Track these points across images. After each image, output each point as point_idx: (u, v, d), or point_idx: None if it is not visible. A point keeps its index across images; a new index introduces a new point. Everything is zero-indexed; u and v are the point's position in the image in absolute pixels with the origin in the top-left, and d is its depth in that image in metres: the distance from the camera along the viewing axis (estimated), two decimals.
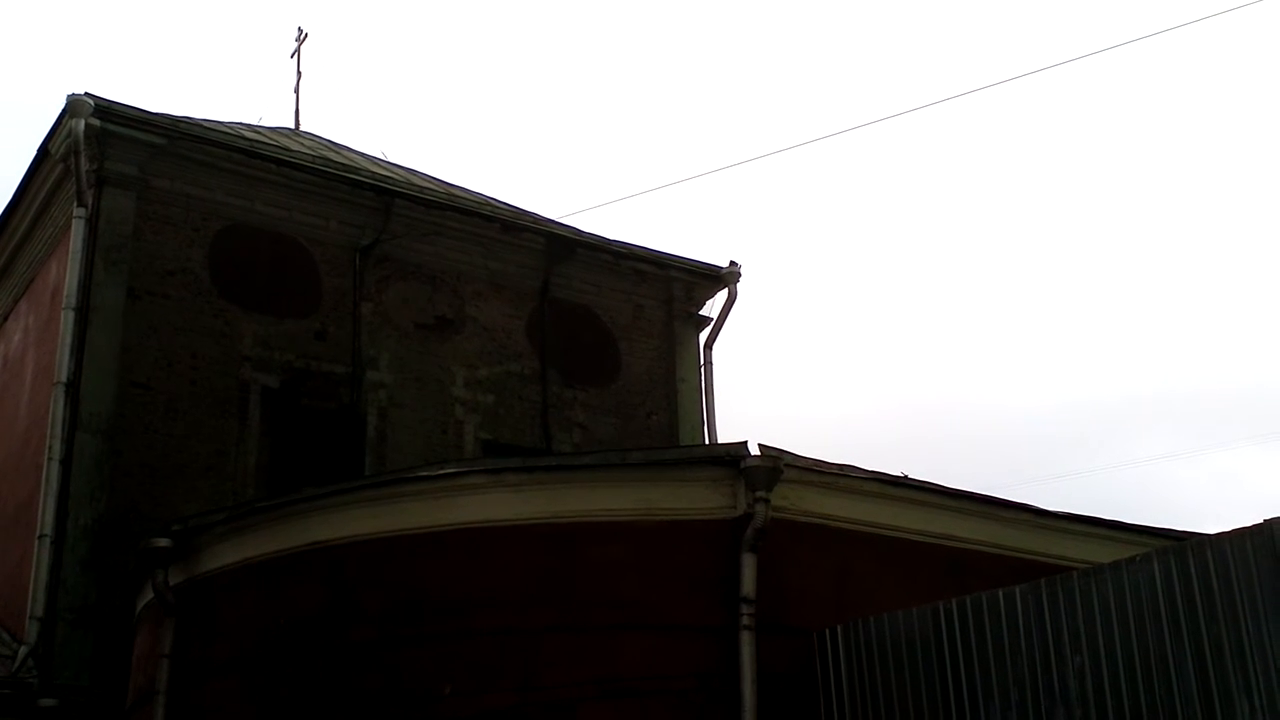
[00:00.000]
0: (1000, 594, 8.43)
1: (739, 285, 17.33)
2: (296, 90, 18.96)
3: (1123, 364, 51.18)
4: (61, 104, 13.63)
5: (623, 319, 17.00)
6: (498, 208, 17.15)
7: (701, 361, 17.40)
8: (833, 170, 56.24)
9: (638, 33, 55.37)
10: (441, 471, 10.22)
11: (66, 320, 13.41)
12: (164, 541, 10.89)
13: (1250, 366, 49.74)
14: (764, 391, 42.94)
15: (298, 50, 19.29)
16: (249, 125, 17.20)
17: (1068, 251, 52.84)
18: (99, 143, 13.73)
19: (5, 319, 16.33)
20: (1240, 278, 50.51)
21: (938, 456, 39.46)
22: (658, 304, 17.25)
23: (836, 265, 54.79)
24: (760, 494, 9.32)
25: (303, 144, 17.19)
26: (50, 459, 12.97)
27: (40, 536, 12.76)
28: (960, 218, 54.33)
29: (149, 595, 11.30)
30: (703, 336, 17.51)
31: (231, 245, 14.58)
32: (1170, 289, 52.58)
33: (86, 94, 13.65)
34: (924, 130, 61.16)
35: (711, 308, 17.51)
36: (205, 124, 15.67)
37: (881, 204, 53.99)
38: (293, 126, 18.41)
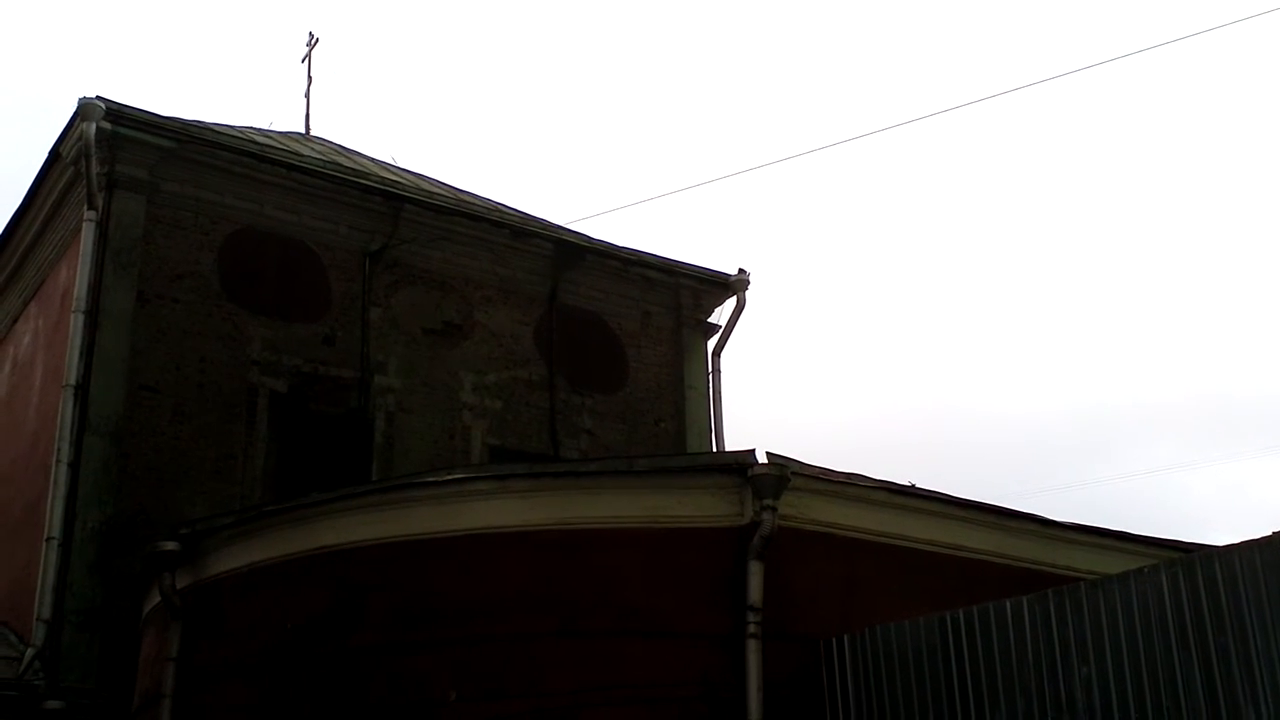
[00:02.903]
0: (1007, 604, 8.42)
1: (748, 293, 17.32)
2: (307, 95, 19.02)
3: (1131, 373, 51.20)
4: (73, 107, 13.68)
5: (631, 326, 16.99)
6: (507, 213, 17.16)
7: (710, 369, 17.38)
8: (841, 177, 56.29)
9: (647, 40, 55.45)
10: (448, 477, 10.22)
11: (76, 323, 13.43)
12: (171, 545, 10.91)
13: (1259, 376, 49.73)
14: (772, 398, 42.92)
15: (309, 55, 19.35)
16: (259, 129, 17.22)
17: (1077, 260, 52.85)
18: (110, 146, 13.76)
19: (15, 321, 16.34)
20: (1249, 287, 50.47)
21: (945, 465, 39.42)
22: (666, 311, 17.24)
23: (845, 272, 54.83)
24: (767, 502, 9.31)
25: (313, 148, 17.22)
26: (58, 461, 12.98)
27: (48, 539, 12.76)
28: (967, 225, 54.36)
29: (156, 598, 11.31)
30: (711, 344, 17.49)
31: (241, 249, 14.59)
32: (1179, 298, 52.54)
33: (98, 97, 13.67)
34: (931, 137, 61.19)
35: (720, 315, 17.51)
36: (216, 128, 15.69)
37: (889, 211, 54.02)
38: (303, 131, 18.44)
